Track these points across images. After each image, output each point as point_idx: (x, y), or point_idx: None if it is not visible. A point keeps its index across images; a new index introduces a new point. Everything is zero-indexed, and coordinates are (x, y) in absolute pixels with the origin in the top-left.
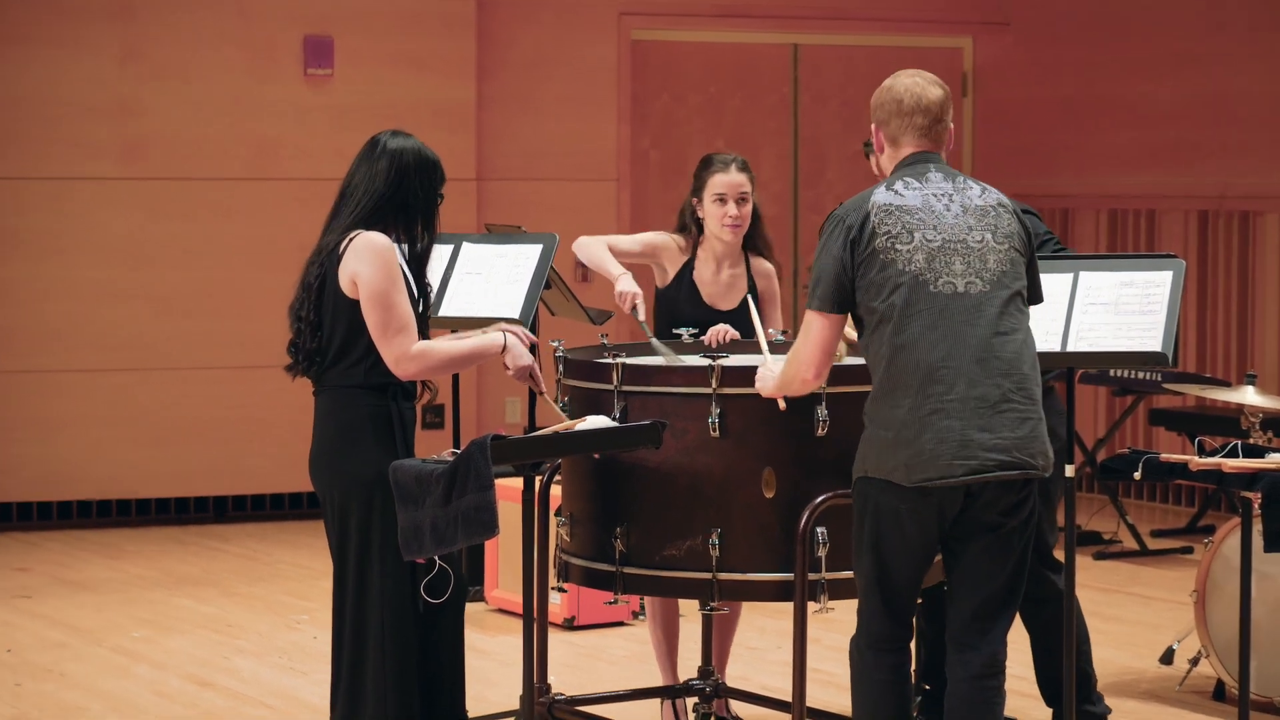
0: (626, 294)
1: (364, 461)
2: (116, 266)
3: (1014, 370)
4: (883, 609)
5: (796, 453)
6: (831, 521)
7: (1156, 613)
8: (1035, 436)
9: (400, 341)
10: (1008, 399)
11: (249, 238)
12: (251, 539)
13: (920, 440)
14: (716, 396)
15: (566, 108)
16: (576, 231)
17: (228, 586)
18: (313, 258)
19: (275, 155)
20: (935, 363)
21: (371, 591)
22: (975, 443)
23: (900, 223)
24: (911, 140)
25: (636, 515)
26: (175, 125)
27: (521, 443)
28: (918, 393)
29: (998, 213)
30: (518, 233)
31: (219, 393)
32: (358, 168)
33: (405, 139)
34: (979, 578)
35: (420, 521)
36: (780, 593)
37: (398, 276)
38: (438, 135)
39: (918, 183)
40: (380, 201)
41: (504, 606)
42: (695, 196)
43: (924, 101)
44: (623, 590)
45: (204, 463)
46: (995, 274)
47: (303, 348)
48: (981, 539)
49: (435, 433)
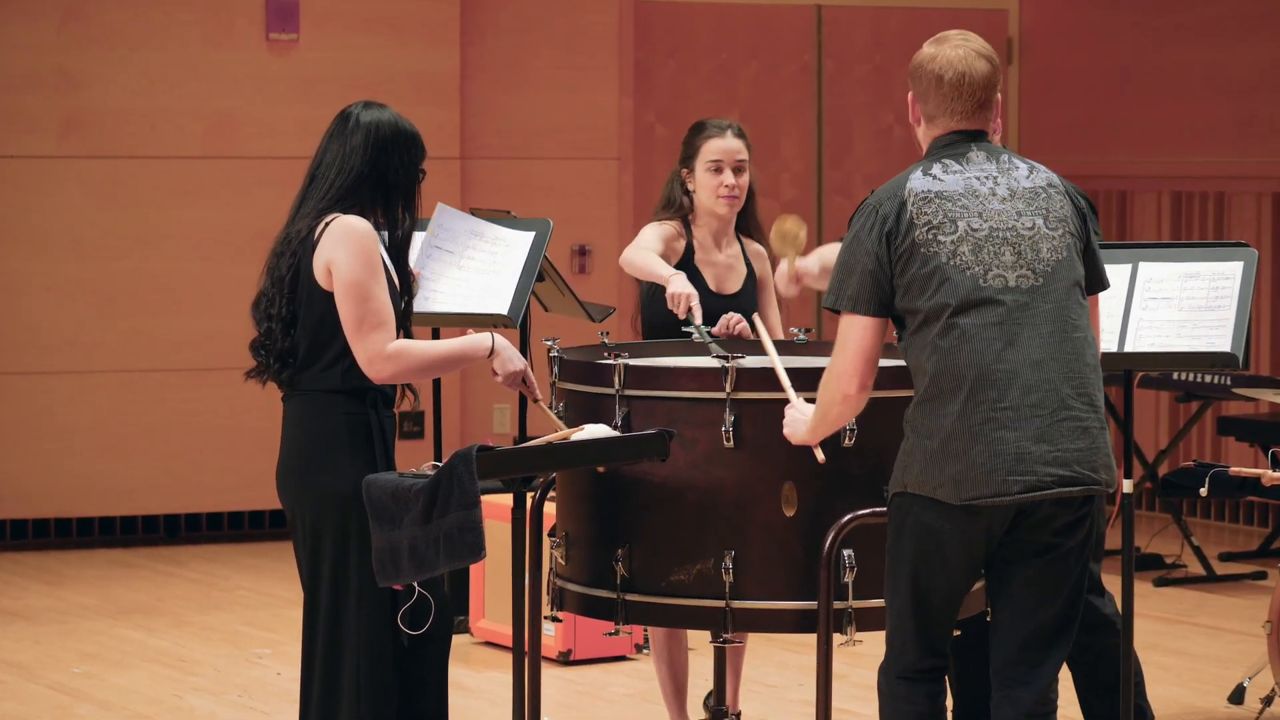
0: (681, 295)
1: (340, 476)
2: (54, 256)
3: (1074, 373)
4: (917, 638)
5: (821, 465)
6: (860, 543)
7: (1225, 646)
8: (1098, 448)
9: (376, 339)
10: (1067, 405)
11: (205, 224)
12: (208, 562)
13: (971, 453)
14: (730, 402)
15: (561, 78)
16: (572, 216)
17: (181, 616)
18: (280, 247)
19: (234, 131)
20: (986, 366)
21: (347, 623)
22: (1032, 456)
23: (941, 211)
24: (952, 120)
25: (640, 536)
26: (121, 97)
27: (511, 455)
28: (967, 399)
29: (1048, 194)
30: (507, 218)
31: (171, 398)
32: (328, 145)
33: (380, 110)
34: (1029, 606)
35: (397, 543)
36: (802, 623)
37: (378, 266)
38: (417, 109)
39: (958, 165)
40: (357, 182)
41: (491, 639)
42: (685, 166)
43: (968, 81)
44: (625, 620)
45: (154, 477)
46: (1049, 264)
47: (273, 348)
48: (1033, 562)
49: (414, 443)
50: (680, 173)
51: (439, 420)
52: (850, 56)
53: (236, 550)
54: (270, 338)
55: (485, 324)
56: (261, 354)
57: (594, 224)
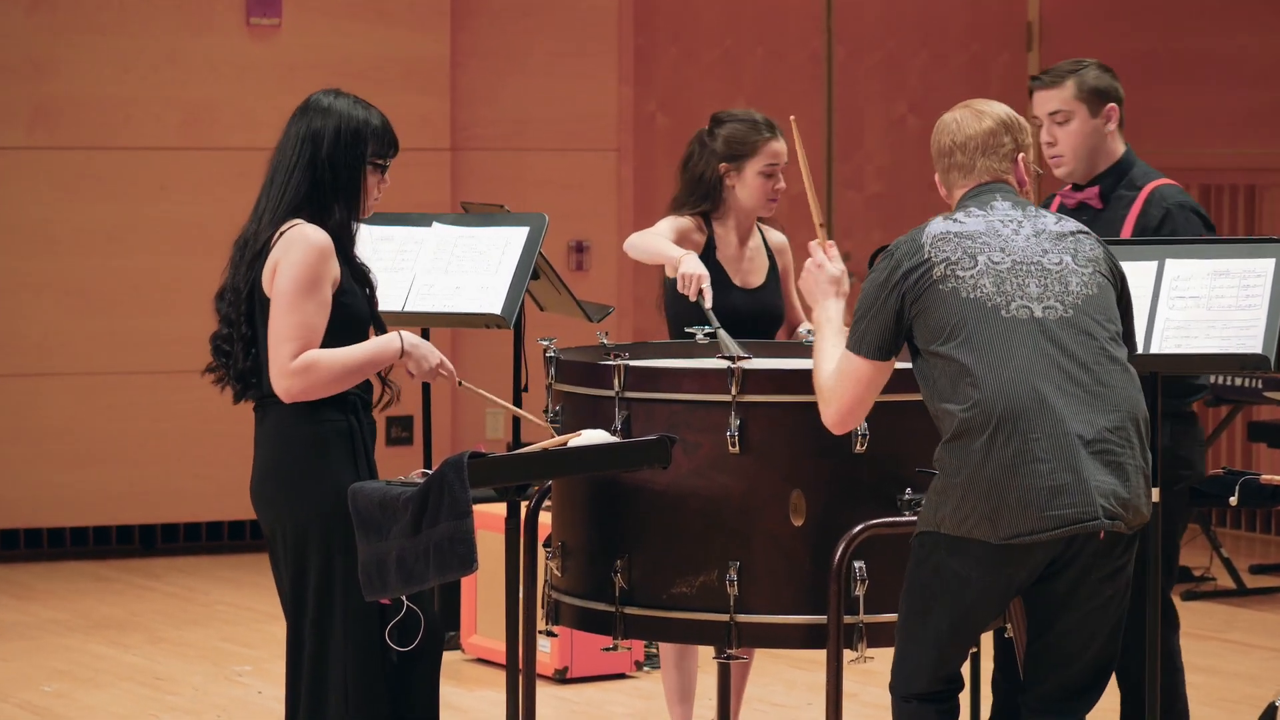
0: (692, 276)
1: (323, 487)
2: (21, 253)
3: (1108, 406)
4: (929, 669)
5: (831, 472)
6: (872, 554)
7: (1256, 663)
8: (1134, 485)
9: (285, 352)
10: (1103, 439)
11: (181, 219)
12: (185, 575)
13: (1005, 489)
14: (736, 405)
15: (558, 64)
16: (568, 210)
17: (157, 631)
18: (239, 255)
19: (212, 121)
20: (1017, 399)
21: (334, 643)
22: (1068, 488)
23: (960, 248)
24: (965, 180)
25: (640, 546)
26: (93, 85)
27: (504, 462)
28: (995, 433)
29: (1077, 238)
30: (500, 213)
31: (146, 402)
32: (285, 137)
33: (338, 99)
34: (1068, 653)
35: (385, 555)
36: (811, 639)
37: (317, 281)
38: (405, 97)
39: (980, 210)
40: (300, 186)
41: (484, 655)
42: (729, 162)
43: (962, 137)
44: (624, 635)
45: (128, 485)
46: (1079, 297)
47: (234, 367)
48: (1074, 611)
49: (402, 449)
50: (718, 168)
51: (428, 426)
52: (862, 43)
53: (215, 562)
54: (230, 343)
55: (478, 324)
56: (222, 359)
57: (592, 219)
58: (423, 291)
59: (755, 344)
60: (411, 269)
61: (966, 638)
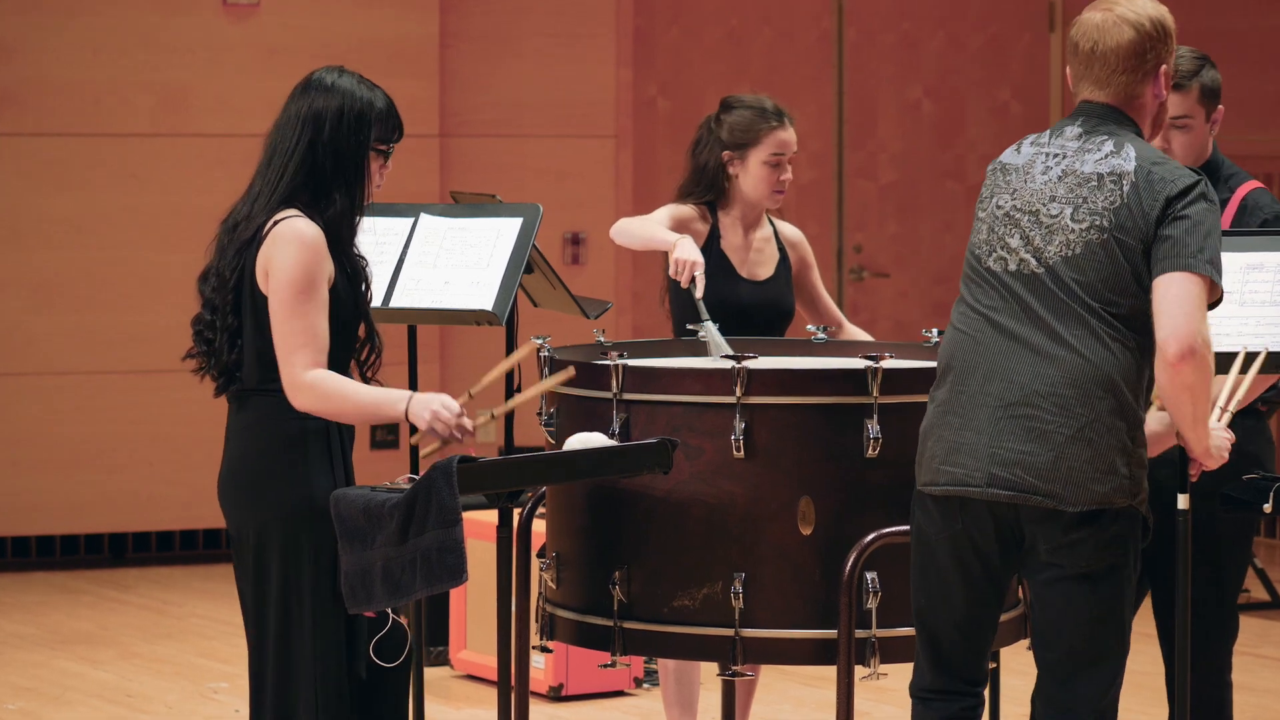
0: (685, 262)
1: (293, 487)
2: None
3: (1056, 371)
4: (923, 653)
5: (841, 478)
6: (885, 565)
7: None
8: (1058, 458)
9: (296, 360)
10: (1031, 404)
11: (154, 209)
12: (157, 586)
13: (926, 437)
14: (741, 407)
15: (552, 46)
16: (564, 200)
17: (128, 646)
18: (227, 238)
19: (187, 106)
20: (966, 350)
21: (299, 658)
22: (965, 448)
23: (994, 184)
24: (1083, 89)
25: (640, 557)
26: (58, 69)
27: (496, 467)
28: (939, 382)
29: (1100, 184)
30: (491, 203)
31: (116, 403)
32: (284, 116)
33: (341, 78)
34: (1044, 634)
35: (369, 565)
36: (820, 654)
37: (316, 281)
38: (391, 81)
39: (1046, 137)
40: (300, 168)
41: (474, 672)
42: (732, 150)
43: (1100, 49)
44: (623, 650)
45: (97, 492)
46: (1056, 256)
47: (219, 359)
48: (1039, 582)
49: (388, 453)
50: (721, 156)
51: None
52: (874, 24)
53: (190, 573)
54: (212, 331)
55: (468, 320)
56: (204, 346)
57: (589, 209)
58: (408, 287)
59: (761, 341)
60: (396, 262)
61: (947, 612)
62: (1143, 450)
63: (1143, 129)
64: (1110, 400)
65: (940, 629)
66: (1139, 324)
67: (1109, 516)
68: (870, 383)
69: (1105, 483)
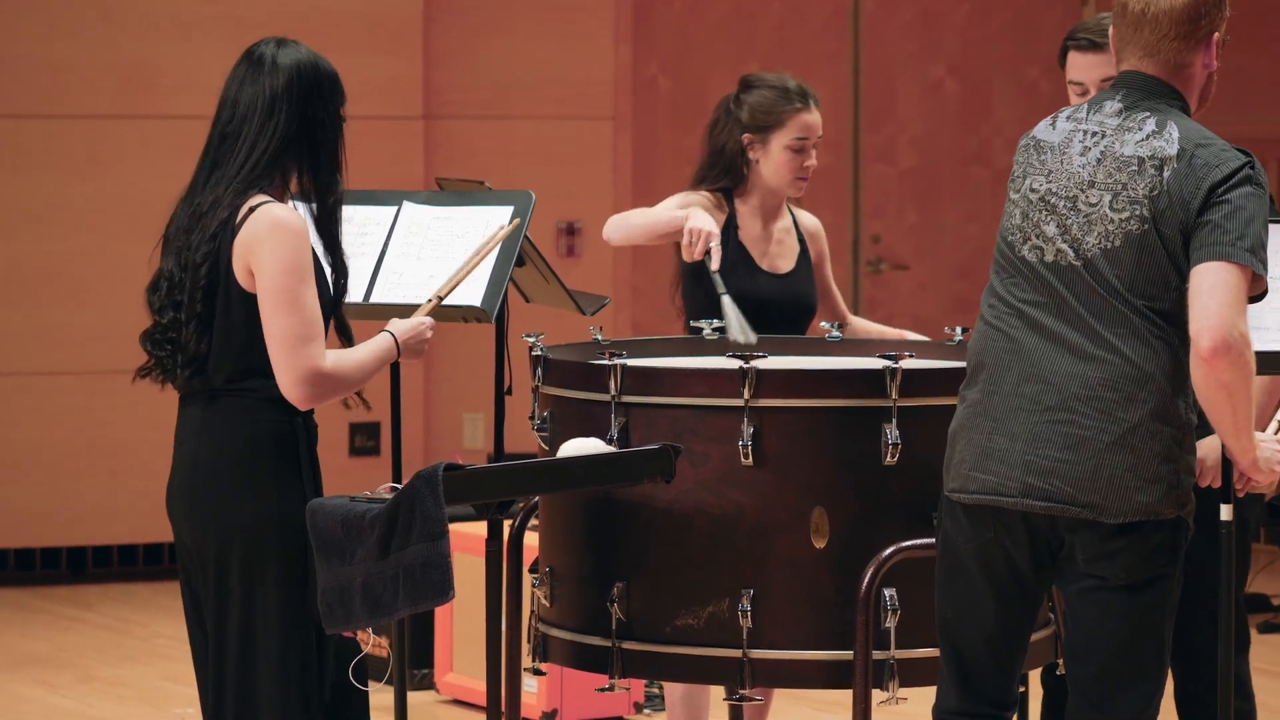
0: (700, 231)
1: (257, 496)
2: None
3: (1094, 374)
4: (948, 673)
5: (857, 487)
6: (905, 580)
7: None
8: (1098, 467)
9: (309, 353)
10: (1069, 408)
11: (115, 196)
12: (118, 604)
13: (955, 439)
14: (749, 410)
15: (546, 21)
16: (558, 187)
17: (87, 669)
18: (188, 223)
19: (152, 85)
20: (992, 348)
21: (261, 683)
22: (998, 454)
23: (1026, 164)
24: (1129, 58)
25: (640, 572)
26: (11, 45)
27: (485, 475)
28: (970, 381)
29: (1142, 168)
30: (480, 190)
31: (74, 407)
32: (239, 93)
33: (296, 48)
34: (1080, 644)
35: (348, 582)
36: (834, 677)
37: (308, 268)
38: (371, 59)
39: (1084, 112)
40: (283, 144)
41: (460, 696)
42: (753, 133)
43: (1152, 10)
44: (622, 673)
45: (54, 502)
46: (1096, 247)
47: (183, 349)
48: (1074, 592)
49: (368, 460)
50: (741, 140)
51: (398, 432)
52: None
53: (154, 590)
54: (175, 329)
55: (455, 316)
56: (166, 349)
57: (585, 197)
58: (390, 281)
59: (772, 339)
60: (377, 255)
61: (974, 627)
62: (1190, 457)
63: (1189, 102)
64: (1154, 403)
65: (967, 645)
66: (1184, 321)
67: (1152, 525)
68: (889, 384)
69: (1149, 492)
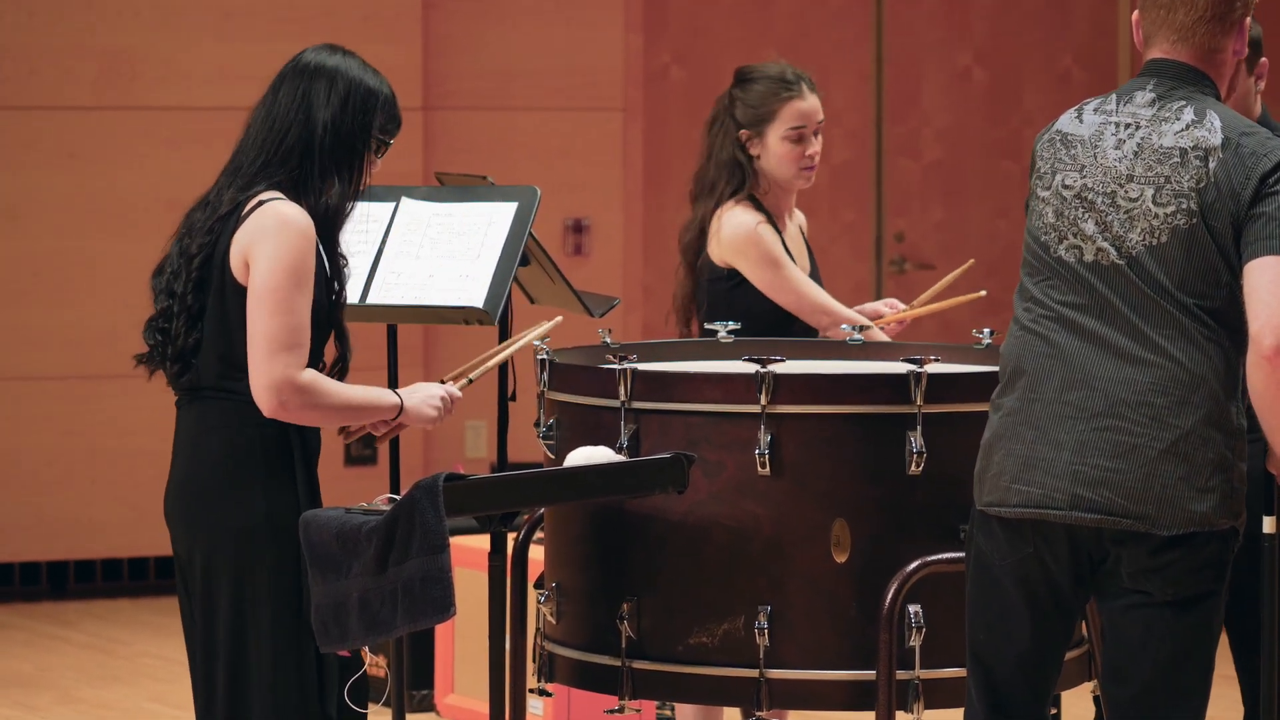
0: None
1: (249, 503)
2: None
3: (1142, 378)
4: (976, 694)
5: (880, 498)
6: (930, 597)
7: None
8: (1149, 476)
9: (287, 361)
10: (1117, 414)
11: (94, 192)
12: (102, 622)
13: (992, 450)
14: (766, 417)
15: (552, 7)
16: (565, 182)
17: (69, 690)
18: (201, 215)
19: (132, 76)
20: (1030, 353)
21: (253, 700)
22: (1043, 464)
23: (1054, 159)
24: (1160, 44)
25: (652, 587)
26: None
27: (488, 485)
28: (1005, 388)
29: (1184, 160)
30: (482, 185)
31: (51, 414)
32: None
33: (345, 57)
34: (1121, 662)
35: (344, 598)
36: (856, 698)
37: (307, 274)
38: (367, 47)
39: (1113, 103)
40: (305, 146)
41: (462, 718)
42: (750, 129)
43: None
44: (632, 694)
45: (31, 514)
46: (1139, 245)
47: (173, 343)
48: (1116, 608)
49: (365, 470)
50: (739, 136)
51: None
52: None
53: (139, 606)
54: (169, 320)
55: (456, 319)
56: (158, 338)
57: (593, 193)
58: (388, 281)
59: (789, 343)
60: (374, 253)
61: (1009, 648)
62: (1243, 464)
63: (1220, 89)
64: (1207, 408)
65: (999, 666)
66: (1235, 319)
67: (1203, 537)
68: (913, 389)
69: (1203, 501)
